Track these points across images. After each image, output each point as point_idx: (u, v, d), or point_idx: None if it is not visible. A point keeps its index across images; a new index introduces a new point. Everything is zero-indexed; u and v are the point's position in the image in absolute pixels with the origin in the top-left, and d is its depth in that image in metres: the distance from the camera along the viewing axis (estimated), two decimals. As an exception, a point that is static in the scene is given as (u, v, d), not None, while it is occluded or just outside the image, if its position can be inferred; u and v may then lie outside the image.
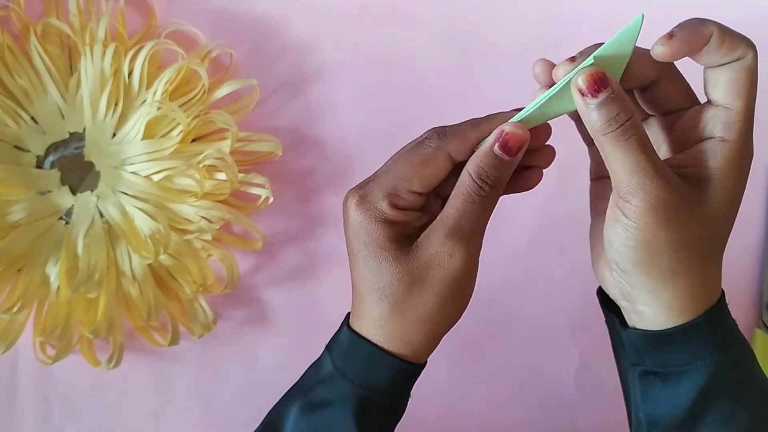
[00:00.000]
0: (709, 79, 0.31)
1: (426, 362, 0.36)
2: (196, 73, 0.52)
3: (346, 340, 0.34)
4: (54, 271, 0.51)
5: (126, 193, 0.52)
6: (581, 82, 0.30)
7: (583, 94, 0.30)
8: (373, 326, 0.33)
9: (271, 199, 0.53)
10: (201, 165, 0.51)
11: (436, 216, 0.33)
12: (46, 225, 0.52)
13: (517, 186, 0.35)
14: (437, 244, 0.32)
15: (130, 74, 0.51)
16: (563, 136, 0.58)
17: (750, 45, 0.30)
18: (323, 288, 0.55)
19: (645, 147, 0.29)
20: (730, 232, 0.33)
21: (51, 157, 0.52)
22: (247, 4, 0.55)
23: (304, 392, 0.35)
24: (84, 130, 0.52)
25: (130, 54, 0.50)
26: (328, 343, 0.36)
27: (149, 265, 0.52)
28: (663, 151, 0.34)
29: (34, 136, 0.51)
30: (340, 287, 0.55)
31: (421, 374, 0.49)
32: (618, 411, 0.41)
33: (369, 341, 0.34)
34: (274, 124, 0.55)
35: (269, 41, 0.56)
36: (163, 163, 0.51)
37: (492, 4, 0.57)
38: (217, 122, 0.51)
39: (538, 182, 0.35)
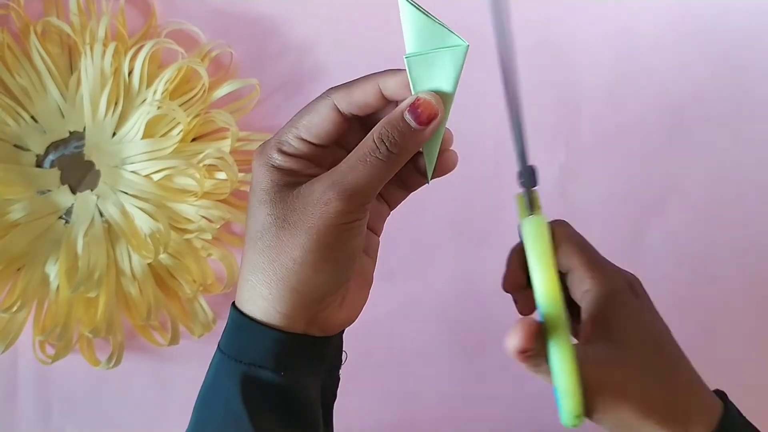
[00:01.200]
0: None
1: (316, 338, 0.33)
2: (196, 73, 0.52)
3: (229, 316, 0.33)
4: (54, 271, 0.51)
5: (126, 193, 0.52)
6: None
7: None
8: (247, 287, 0.32)
9: (271, 199, 0.53)
10: (201, 164, 0.51)
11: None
12: (46, 224, 0.52)
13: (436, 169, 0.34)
14: (318, 193, 0.30)
15: (130, 73, 0.51)
16: (562, 136, 0.59)
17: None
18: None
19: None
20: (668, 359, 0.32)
21: (51, 156, 0.52)
22: (247, 4, 0.55)
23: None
24: (84, 129, 0.52)
25: (130, 53, 0.50)
26: None
27: (149, 264, 0.52)
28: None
29: (34, 135, 0.51)
30: (339, 287, 0.55)
31: (421, 374, 0.49)
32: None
33: (238, 310, 0.32)
34: (274, 124, 0.55)
35: (269, 41, 0.56)
36: (163, 162, 0.51)
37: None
38: (217, 121, 0.51)
39: (455, 161, 0.34)
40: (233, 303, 0.33)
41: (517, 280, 0.33)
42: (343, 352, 0.37)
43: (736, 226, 0.57)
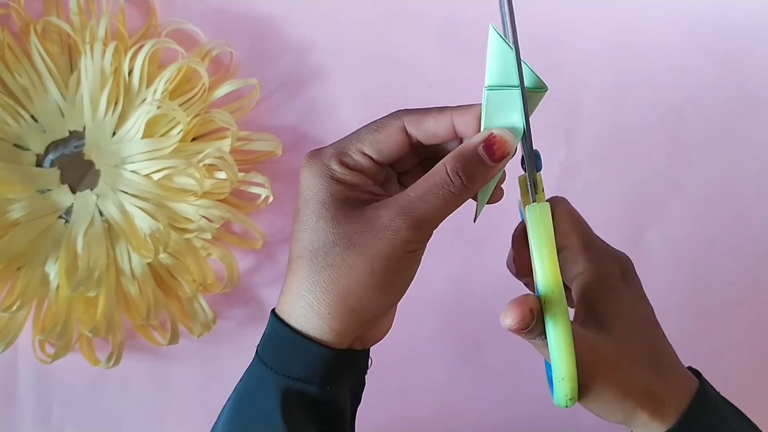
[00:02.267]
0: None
1: (358, 351, 0.34)
2: (196, 72, 0.52)
3: (269, 324, 0.33)
4: (53, 270, 0.51)
5: (126, 192, 0.52)
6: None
7: None
8: (301, 303, 0.31)
9: (271, 199, 0.53)
10: (201, 164, 0.51)
11: (390, 195, 0.32)
12: (46, 223, 0.52)
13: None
14: (387, 219, 0.30)
15: (130, 73, 0.51)
16: (563, 136, 0.58)
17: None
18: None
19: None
20: (650, 334, 0.34)
21: (51, 156, 0.52)
22: (247, 3, 0.55)
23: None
24: (84, 128, 0.52)
25: (130, 53, 0.50)
26: None
27: (149, 264, 0.52)
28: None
29: (34, 134, 0.51)
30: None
31: (420, 374, 0.49)
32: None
33: (286, 324, 0.32)
34: (274, 123, 0.55)
35: (269, 41, 0.56)
36: (163, 161, 0.51)
37: (491, 4, 0.57)
38: (217, 121, 0.51)
39: (501, 197, 0.35)
40: (274, 312, 0.33)
41: (528, 264, 0.33)
42: (369, 358, 0.37)
43: (736, 227, 0.57)
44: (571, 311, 0.32)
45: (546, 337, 0.30)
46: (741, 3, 0.57)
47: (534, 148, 0.32)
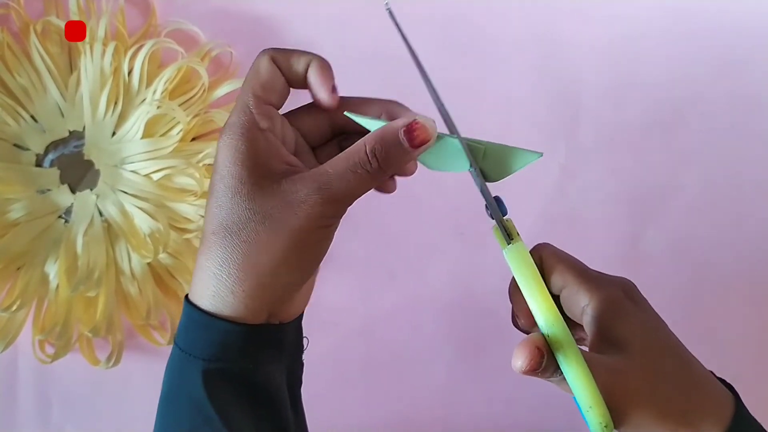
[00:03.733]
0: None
1: (276, 326, 0.33)
2: (196, 72, 0.52)
3: (183, 312, 0.32)
4: (53, 270, 0.51)
5: (125, 192, 0.52)
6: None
7: None
8: (212, 281, 0.31)
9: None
10: (201, 164, 0.51)
11: (306, 168, 0.32)
12: (46, 223, 0.52)
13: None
14: (303, 193, 0.30)
15: (130, 73, 0.51)
16: (563, 136, 0.58)
17: None
18: (322, 287, 0.55)
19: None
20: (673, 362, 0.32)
21: (50, 156, 0.52)
22: (247, 3, 0.55)
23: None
24: (84, 128, 0.52)
25: (130, 52, 0.50)
26: None
27: (149, 263, 0.52)
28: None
29: (34, 134, 0.51)
30: (339, 287, 0.55)
31: (420, 374, 0.49)
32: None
33: (198, 308, 0.31)
34: (273, 124, 0.55)
35: (269, 41, 0.56)
36: (162, 161, 0.51)
37: (492, 3, 0.57)
38: (217, 121, 0.51)
39: (413, 171, 0.35)
40: (187, 297, 0.32)
41: (530, 314, 0.33)
42: (305, 338, 0.37)
43: (736, 226, 0.57)
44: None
45: (562, 372, 0.29)
46: (741, 3, 0.57)
47: (494, 195, 0.33)
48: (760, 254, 0.57)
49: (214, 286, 0.31)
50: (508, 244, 0.32)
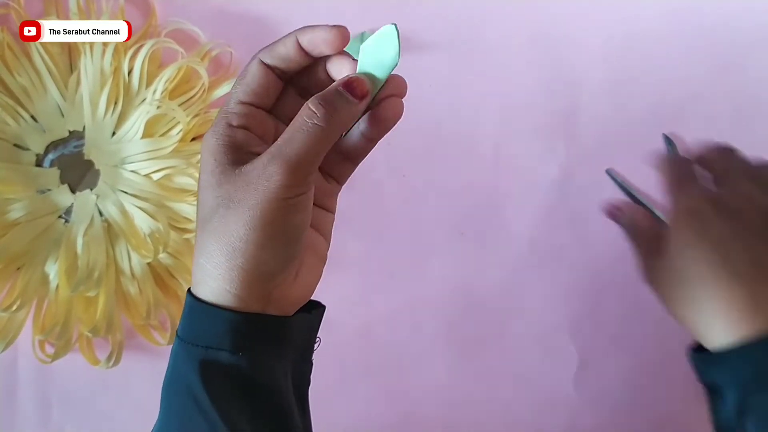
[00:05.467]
0: None
1: (273, 316, 0.33)
2: (196, 72, 0.52)
3: (185, 302, 0.33)
4: (53, 270, 0.51)
5: (125, 192, 0.52)
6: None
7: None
8: (198, 270, 0.32)
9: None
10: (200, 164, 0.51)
11: None
12: (46, 223, 0.52)
13: (379, 117, 0.34)
14: (259, 168, 0.30)
15: (129, 73, 0.51)
16: (563, 136, 0.58)
17: None
18: (322, 287, 0.55)
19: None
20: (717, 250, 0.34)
21: (50, 156, 0.52)
22: (247, 3, 0.55)
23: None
24: (84, 128, 0.52)
25: (130, 52, 0.50)
26: None
27: (148, 263, 0.52)
28: None
29: (34, 134, 0.51)
30: (339, 287, 0.55)
31: (420, 374, 0.49)
32: (617, 411, 0.41)
33: (192, 295, 0.32)
34: (273, 124, 0.55)
35: (269, 41, 0.56)
36: (162, 161, 0.51)
37: (491, 4, 0.57)
38: (217, 121, 0.51)
39: (400, 111, 0.34)
40: (188, 289, 0.33)
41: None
42: (318, 338, 0.36)
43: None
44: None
45: None
46: (741, 3, 0.57)
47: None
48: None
49: (201, 276, 0.32)
50: None
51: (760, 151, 0.58)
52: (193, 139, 0.53)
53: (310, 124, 0.30)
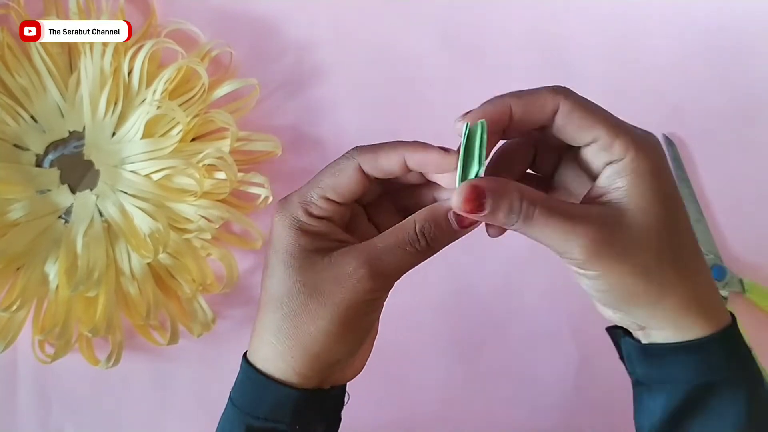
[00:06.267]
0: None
1: (327, 390, 0.34)
2: (195, 72, 0.52)
3: (240, 368, 0.34)
4: (53, 270, 0.51)
5: (125, 192, 0.52)
6: (461, 210, 0.30)
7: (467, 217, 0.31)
8: (268, 348, 0.32)
9: (271, 199, 0.53)
10: (200, 164, 0.51)
11: (358, 239, 0.33)
12: (46, 223, 0.52)
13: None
14: (351, 267, 0.31)
15: (129, 73, 0.51)
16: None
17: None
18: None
19: (550, 209, 0.30)
20: (687, 235, 0.32)
21: (50, 156, 0.52)
22: (247, 3, 0.55)
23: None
24: (83, 128, 0.52)
25: (129, 53, 0.50)
26: None
27: (148, 264, 0.52)
28: (584, 180, 0.34)
29: (34, 134, 0.51)
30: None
31: (420, 375, 0.49)
32: (616, 411, 0.41)
33: (254, 367, 0.33)
34: (273, 124, 0.55)
35: (269, 41, 0.56)
36: (162, 162, 0.51)
37: (491, 4, 0.57)
38: (217, 121, 0.51)
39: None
40: (245, 356, 0.34)
41: None
42: (346, 393, 0.37)
43: (736, 227, 0.57)
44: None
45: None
46: (741, 4, 0.57)
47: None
48: (762, 254, 0.57)
49: (267, 352, 0.32)
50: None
51: (760, 151, 0.58)
52: (193, 139, 0.53)
53: (412, 248, 0.31)
